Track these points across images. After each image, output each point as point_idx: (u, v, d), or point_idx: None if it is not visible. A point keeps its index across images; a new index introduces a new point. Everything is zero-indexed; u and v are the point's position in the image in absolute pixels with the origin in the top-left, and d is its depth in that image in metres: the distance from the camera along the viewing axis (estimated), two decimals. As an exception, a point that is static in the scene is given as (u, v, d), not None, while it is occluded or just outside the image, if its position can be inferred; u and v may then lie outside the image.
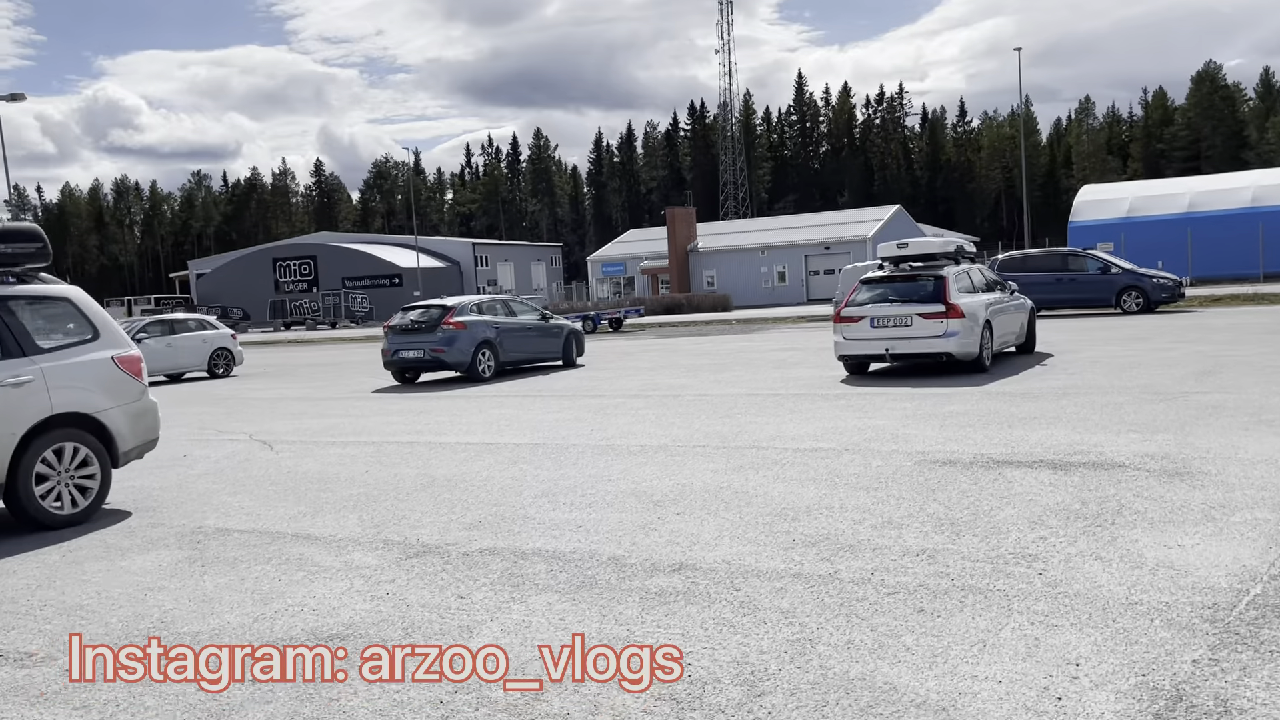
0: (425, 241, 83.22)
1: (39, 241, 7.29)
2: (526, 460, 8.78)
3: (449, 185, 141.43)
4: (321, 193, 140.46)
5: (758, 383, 14.20)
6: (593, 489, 7.30)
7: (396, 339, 17.54)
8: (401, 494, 7.59)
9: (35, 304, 7.28)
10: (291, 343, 43.64)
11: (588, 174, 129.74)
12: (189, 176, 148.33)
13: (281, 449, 10.50)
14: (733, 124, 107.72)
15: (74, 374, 7.15)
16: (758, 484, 7.14)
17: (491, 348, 17.47)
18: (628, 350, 23.96)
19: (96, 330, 7.47)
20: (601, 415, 11.62)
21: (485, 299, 18.53)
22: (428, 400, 14.60)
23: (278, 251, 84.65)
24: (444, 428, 11.39)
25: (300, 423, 12.77)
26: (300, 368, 24.90)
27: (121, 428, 7.41)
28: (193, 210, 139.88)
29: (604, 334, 34.28)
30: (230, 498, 7.87)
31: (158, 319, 23.73)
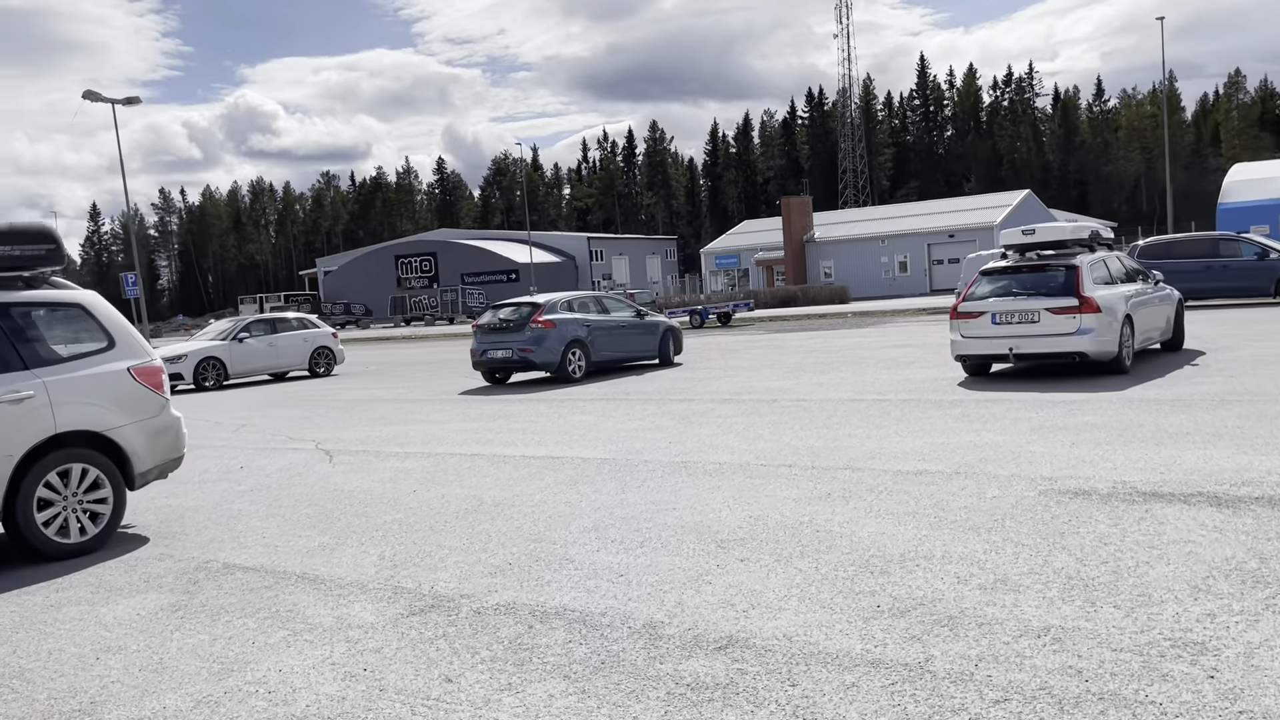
0: (540, 236, 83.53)
1: (50, 242, 6.68)
2: (588, 480, 7.81)
3: (566, 180, 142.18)
4: (443, 190, 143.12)
5: (863, 386, 12.90)
6: (650, 521, 6.27)
7: (485, 338, 16.85)
8: (439, 522, 6.71)
9: (43, 311, 6.67)
10: (406, 339, 43.96)
11: (703, 165, 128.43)
12: (319, 177, 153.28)
13: (340, 461, 9.81)
14: (853, 110, 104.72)
15: (83, 388, 6.51)
16: (845, 519, 5.97)
17: (582, 347, 16.60)
18: (731, 347, 22.80)
19: (112, 339, 6.82)
20: (685, 424, 10.56)
21: (577, 296, 17.67)
22: (509, 404, 13.81)
23: (400, 248, 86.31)
24: (515, 437, 10.53)
25: (372, 430, 12.13)
26: (400, 366, 24.62)
27: (137, 446, 6.75)
28: (322, 210, 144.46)
29: (711, 329, 33.16)
30: (260, 522, 7.14)
31: (259, 318, 23.74)
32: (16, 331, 6.36)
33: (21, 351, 6.32)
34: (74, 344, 6.72)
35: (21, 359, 6.30)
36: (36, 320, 6.60)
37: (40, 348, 6.49)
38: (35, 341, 6.47)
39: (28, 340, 6.40)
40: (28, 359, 6.33)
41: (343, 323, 70.54)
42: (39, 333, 6.57)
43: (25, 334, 6.41)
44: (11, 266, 6.56)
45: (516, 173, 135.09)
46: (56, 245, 6.71)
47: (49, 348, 6.58)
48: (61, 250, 6.75)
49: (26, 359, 6.32)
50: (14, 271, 6.62)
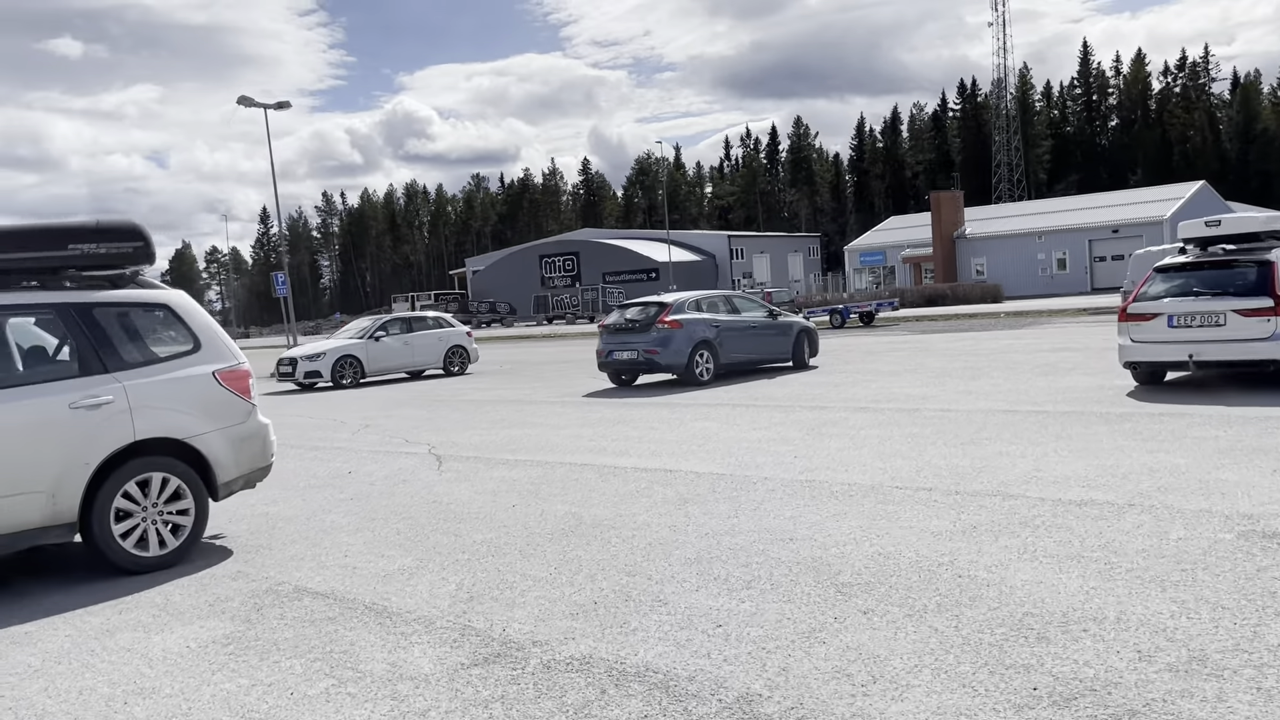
0: (680, 235, 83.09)
1: (138, 240, 6.38)
2: (699, 499, 7.06)
3: (708, 179, 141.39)
4: (588, 190, 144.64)
5: (1018, 394, 11.69)
6: (762, 554, 5.47)
7: (610, 339, 16.30)
8: (531, 545, 6.09)
9: (126, 312, 6.37)
10: (545, 337, 44.14)
11: (849, 161, 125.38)
12: (470, 179, 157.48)
13: (449, 467, 9.36)
14: (1008, 101, 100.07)
15: (165, 393, 6.18)
16: (993, 561, 5.03)
17: (710, 348, 15.83)
18: (872, 349, 21.59)
19: (198, 341, 6.48)
20: (814, 435, 9.67)
21: (705, 295, 16.91)
22: (630, 408, 13.17)
23: (544, 248, 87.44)
24: (630, 445, 9.87)
25: (488, 433, 11.69)
26: (532, 365, 24.41)
27: (221, 455, 6.38)
28: (472, 211, 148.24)
29: (852, 329, 31.83)
30: (348, 538, 6.69)
31: (396, 317, 23.92)
32: (98, 333, 6.07)
33: (102, 354, 6.03)
34: (158, 346, 6.41)
35: (102, 362, 6.01)
36: (120, 321, 6.31)
37: (122, 350, 6.19)
38: (117, 344, 6.17)
39: (109, 342, 6.10)
40: (108, 362, 6.03)
41: (488, 321, 71.82)
42: (122, 334, 6.27)
43: (107, 336, 6.11)
44: (97, 265, 6.29)
45: (659, 172, 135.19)
46: (145, 243, 6.41)
47: (131, 350, 6.27)
48: (150, 248, 6.45)
49: (107, 362, 6.03)
50: (100, 270, 6.36)
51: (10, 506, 5.55)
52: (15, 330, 6.04)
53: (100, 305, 6.18)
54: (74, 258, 6.11)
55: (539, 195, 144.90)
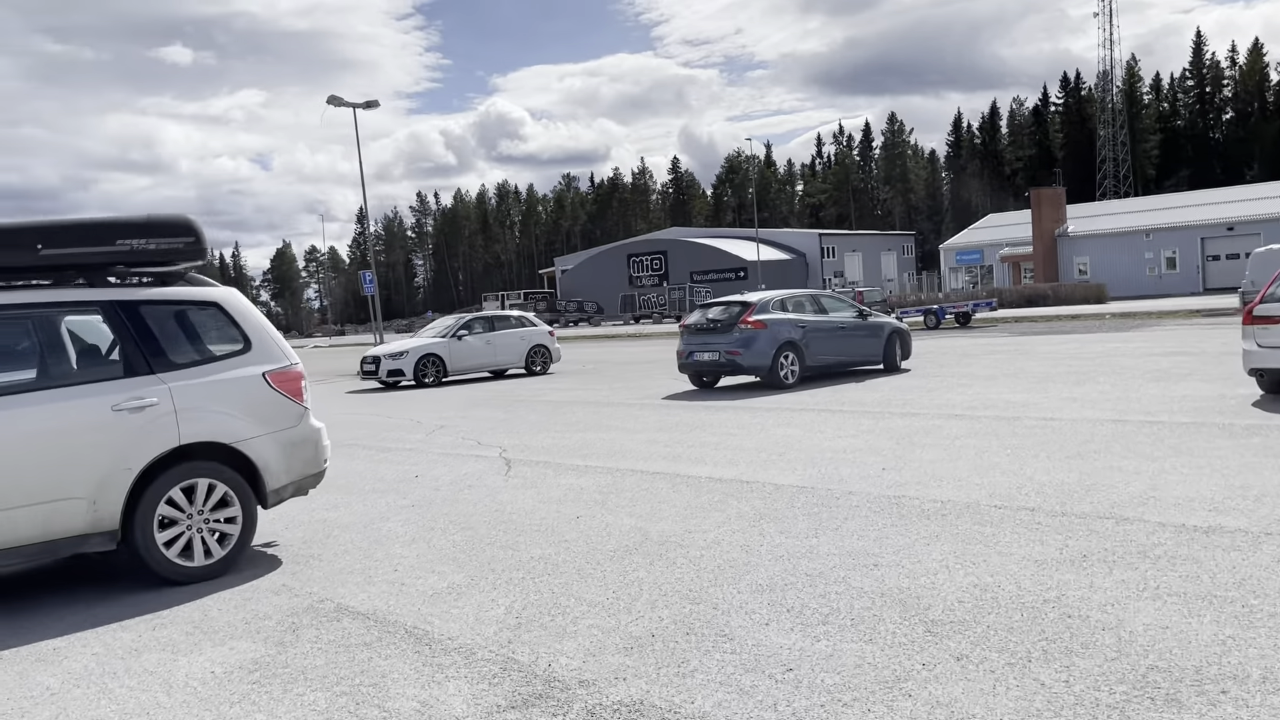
0: (769, 234, 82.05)
1: (190, 235, 6.13)
2: (776, 515, 6.52)
3: (799, 176, 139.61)
4: (677, 189, 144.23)
5: (1128, 402, 10.82)
6: (842, 582, 4.92)
7: (691, 339, 15.80)
8: (590, 564, 5.64)
9: (174, 310, 6.12)
10: (631, 336, 43.84)
11: (945, 157, 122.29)
12: (560, 179, 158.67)
13: (517, 473, 8.99)
14: (1114, 94, 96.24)
15: (212, 395, 5.91)
16: (1108, 598, 4.40)
17: (795, 349, 15.21)
18: (968, 351, 20.64)
19: (249, 340, 6.21)
20: (904, 444, 9.03)
21: (791, 294, 16.28)
22: (709, 411, 12.65)
23: (632, 247, 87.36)
24: (706, 453, 9.36)
25: (562, 437, 11.31)
26: (615, 365, 24.04)
27: (270, 460, 6.09)
28: (563, 210, 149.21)
29: (947, 330, 30.72)
30: (401, 549, 6.34)
31: (479, 316, 23.82)
32: (144, 332, 5.83)
33: (148, 354, 5.78)
34: (206, 346, 6.15)
35: (147, 362, 5.76)
36: (167, 320, 6.07)
37: (169, 350, 5.94)
38: (164, 343, 5.92)
39: (155, 342, 5.85)
40: (154, 363, 5.78)
41: (575, 320, 72.00)
42: (169, 334, 6.02)
43: (153, 335, 5.87)
44: (147, 262, 6.06)
45: (749, 170, 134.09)
46: (196, 238, 6.16)
47: (178, 350, 6.02)
48: (202, 244, 6.19)
49: (153, 362, 5.78)
50: (150, 267, 6.13)
51: (49, 513, 5.33)
52: (57, 329, 5.84)
53: (147, 303, 5.94)
54: (122, 253, 5.88)
55: (628, 194, 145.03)
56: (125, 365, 5.73)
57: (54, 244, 5.66)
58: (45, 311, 5.67)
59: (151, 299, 5.97)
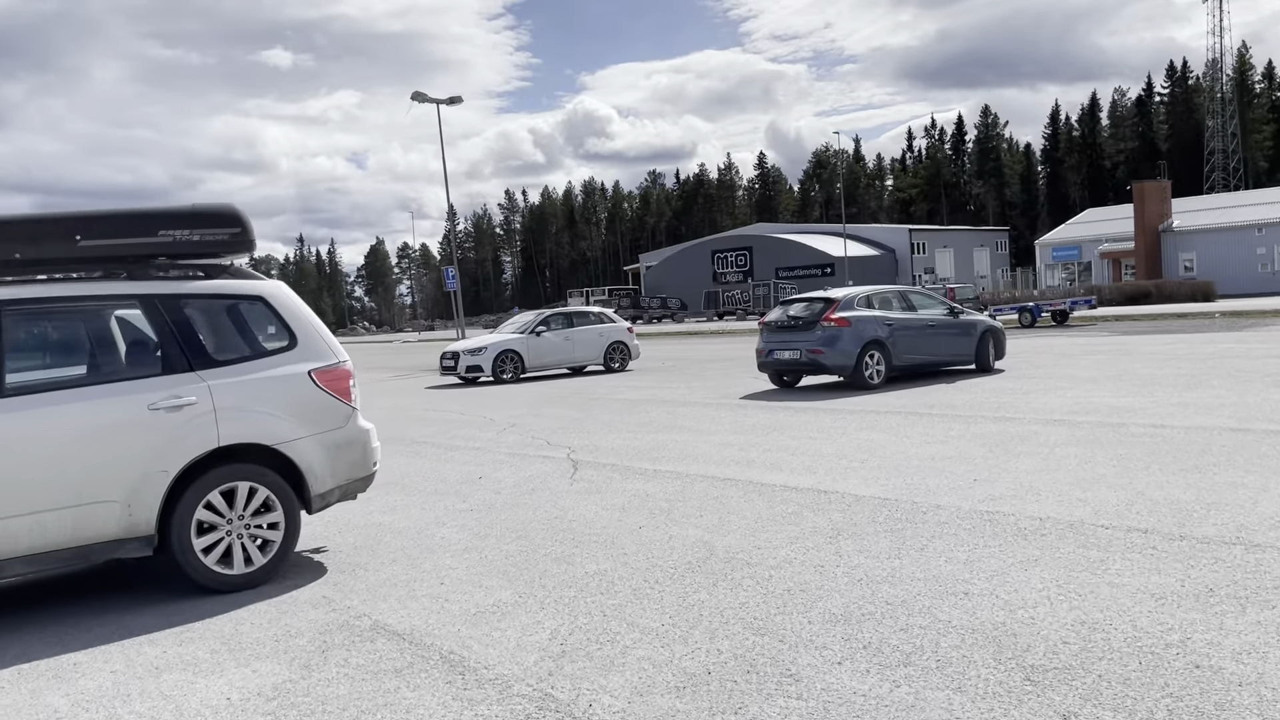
0: (857, 229, 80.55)
1: (236, 226, 5.85)
2: (856, 531, 5.97)
3: (889, 171, 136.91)
4: (763, 185, 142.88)
5: (1247, 409, 9.92)
6: (928, 614, 4.36)
7: (771, 337, 15.21)
8: (648, 582, 5.18)
9: (217, 304, 5.85)
10: (713, 333, 43.27)
11: (1042, 151, 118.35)
12: (646, 175, 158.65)
13: (583, 476, 8.59)
14: (1224, 84, 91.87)
15: (254, 394, 5.61)
16: (1244, 644, 3.77)
17: (882, 348, 14.50)
18: (1066, 351, 19.58)
19: (294, 337, 5.90)
20: (998, 453, 8.36)
21: (877, 290, 15.55)
22: (789, 413, 12.07)
23: (716, 243, 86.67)
24: (783, 457, 8.82)
25: (633, 438, 10.87)
26: (695, 363, 23.53)
27: (315, 463, 5.77)
28: (648, 207, 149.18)
29: (1044, 329, 29.43)
30: (451, 560, 5.97)
31: (558, 312, 23.56)
32: (184, 327, 5.56)
33: (188, 351, 5.51)
34: (249, 343, 5.85)
35: (187, 359, 5.49)
36: (209, 315, 5.80)
37: (210, 346, 5.67)
38: (205, 339, 5.65)
39: (196, 338, 5.58)
40: (194, 359, 5.51)
41: (658, 316, 71.62)
42: (210, 329, 5.76)
43: (194, 330, 5.60)
44: (191, 254, 5.79)
45: (837, 165, 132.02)
46: (242, 229, 5.87)
47: (220, 347, 5.75)
48: (248, 235, 5.90)
49: (193, 359, 5.50)
50: (194, 259, 5.86)
51: (81, 516, 5.08)
52: (92, 323, 5.61)
53: (189, 297, 5.68)
54: (165, 245, 5.63)
55: (713, 190, 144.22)
56: (164, 362, 5.46)
57: (93, 235, 5.42)
58: (80, 305, 5.45)
59: (193, 293, 5.71)
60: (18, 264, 5.33)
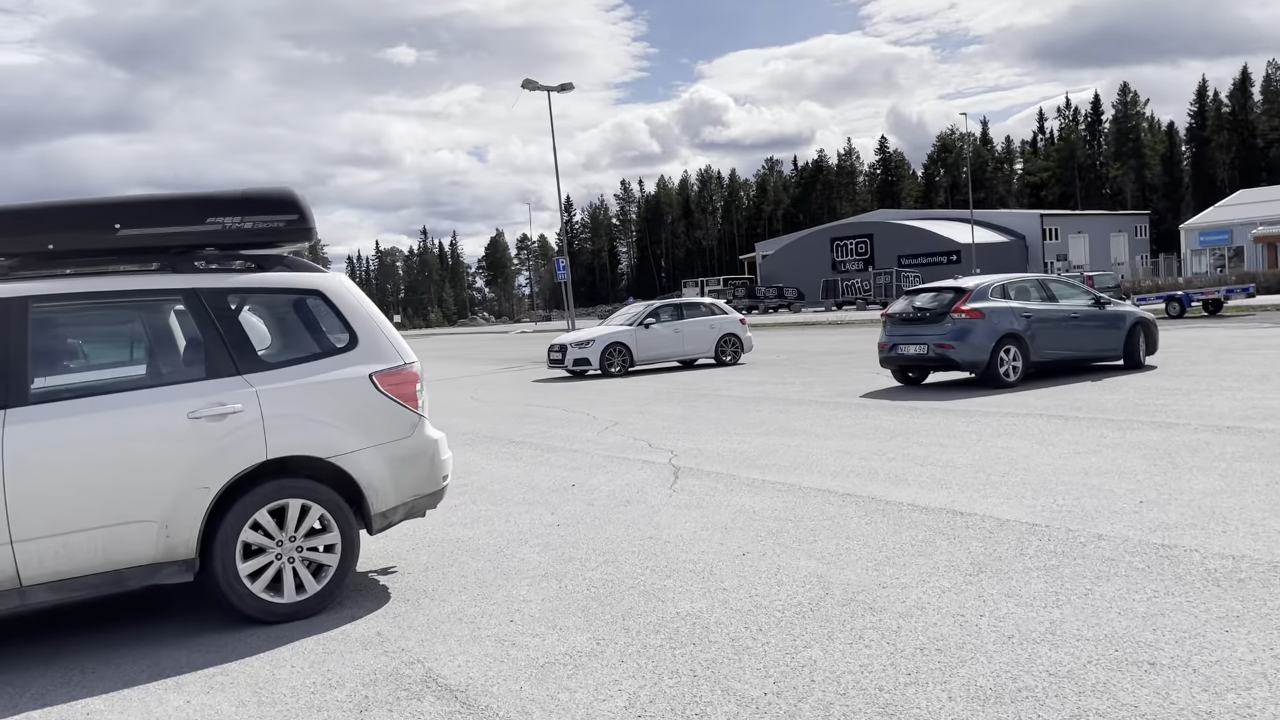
0: (985, 215, 77.33)
1: (293, 212, 5.25)
2: (1003, 567, 5.00)
3: (1019, 154, 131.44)
4: (885, 170, 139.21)
5: None
6: (1105, 693, 3.41)
7: (895, 330, 14.10)
8: (750, 629, 4.36)
9: (269, 300, 5.28)
10: (831, 324, 41.87)
11: (1186, 130, 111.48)
12: (763, 163, 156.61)
13: (684, 486, 7.80)
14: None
15: (308, 400, 5.00)
16: None
17: (1018, 342, 13.24)
18: (1226, 345, 17.78)
19: (355, 335, 5.28)
20: (1164, 466, 7.20)
21: (1014, 279, 14.25)
22: (915, 414, 11.00)
23: (836, 231, 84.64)
24: (910, 468, 7.84)
25: (742, 440, 10.01)
26: (811, 356, 22.45)
27: (376, 478, 5.13)
28: (765, 195, 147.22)
29: (1194, 319, 27.20)
30: (527, 589, 5.27)
31: (667, 303, 22.79)
32: (230, 326, 4.98)
33: (235, 352, 4.93)
34: (304, 342, 5.26)
35: (233, 362, 4.91)
36: (260, 311, 5.23)
37: (261, 347, 5.09)
38: (254, 340, 5.08)
39: (244, 337, 5.01)
40: (240, 362, 4.93)
41: (775, 306, 70.21)
42: (261, 327, 5.19)
43: (241, 329, 5.02)
44: (242, 244, 5.23)
45: (963, 148, 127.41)
46: (300, 216, 5.27)
47: (273, 347, 5.17)
48: (306, 222, 5.30)
49: (239, 361, 4.92)
50: (245, 249, 5.30)
51: (113, 538, 4.55)
52: (129, 321, 5.10)
53: (236, 291, 5.10)
54: (213, 233, 5.06)
55: (833, 177, 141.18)
56: (207, 364, 4.90)
57: (134, 223, 4.89)
58: (115, 302, 4.93)
59: (241, 286, 5.13)
60: (52, 256, 4.84)
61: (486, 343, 48.62)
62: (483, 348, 41.55)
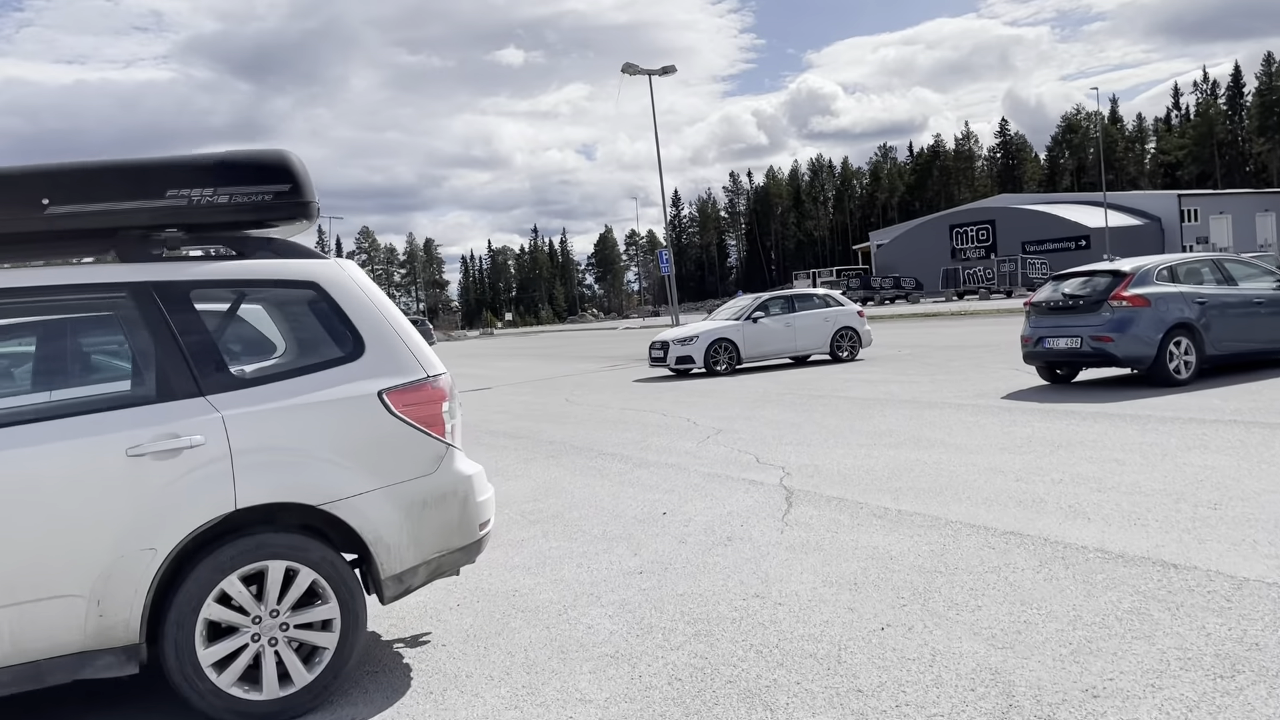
0: (1116, 197, 72.97)
1: (283, 181, 4.03)
2: (1266, 666, 3.43)
3: (1151, 133, 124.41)
4: (1005, 154, 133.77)
5: None
6: None
7: (1042, 321, 12.29)
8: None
9: (245, 295, 4.06)
10: (954, 315, 39.46)
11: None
12: (876, 150, 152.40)
13: (798, 518, 6.36)
14: None
15: (295, 427, 3.77)
16: None
17: (1190, 334, 11.31)
18: None
19: (360, 340, 4.02)
20: None
21: (1183, 260, 12.26)
22: (1076, 420, 9.26)
23: (955, 218, 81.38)
24: (1085, 494, 6.21)
25: (868, 455, 8.49)
26: (937, 350, 20.56)
27: (388, 530, 3.87)
28: (879, 183, 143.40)
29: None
30: (588, 680, 3.93)
31: (778, 295, 21.17)
32: (192, 330, 3.78)
33: (196, 365, 3.73)
34: (292, 350, 4.05)
35: (193, 378, 3.71)
36: (237, 310, 4.02)
37: (230, 357, 3.89)
38: (223, 347, 3.87)
39: (209, 344, 3.80)
40: (204, 378, 3.72)
41: (892, 297, 67.55)
42: (233, 332, 3.98)
43: (207, 334, 3.82)
44: (216, 223, 4.01)
45: (1090, 128, 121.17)
46: (293, 185, 4.04)
47: (246, 356, 3.98)
48: (303, 193, 4.07)
49: (202, 378, 3.72)
50: (221, 229, 4.09)
51: (24, 620, 3.39)
52: (54, 327, 3.94)
53: (203, 285, 3.90)
54: (174, 210, 3.87)
55: (950, 162, 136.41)
56: (158, 382, 3.70)
57: (66, 197, 3.73)
58: (32, 301, 3.76)
59: (209, 279, 3.92)
60: (-39, 243, 3.72)
61: (592, 339, 47.73)
62: (587, 345, 40.59)
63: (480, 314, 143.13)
